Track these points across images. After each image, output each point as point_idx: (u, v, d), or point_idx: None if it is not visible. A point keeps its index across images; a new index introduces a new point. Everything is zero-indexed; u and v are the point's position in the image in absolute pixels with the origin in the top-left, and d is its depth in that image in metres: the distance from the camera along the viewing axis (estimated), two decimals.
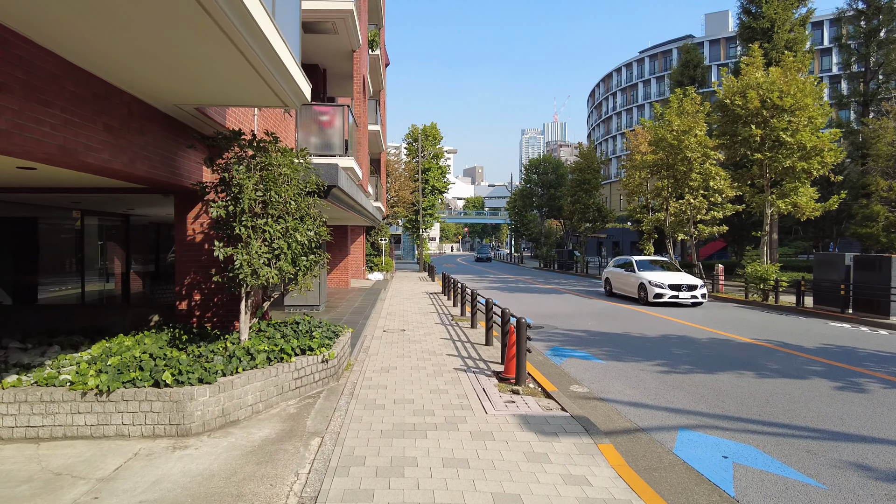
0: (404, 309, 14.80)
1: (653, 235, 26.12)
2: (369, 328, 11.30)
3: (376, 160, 27.06)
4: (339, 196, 8.15)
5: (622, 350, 9.70)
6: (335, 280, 20.13)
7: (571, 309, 15.81)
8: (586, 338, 10.96)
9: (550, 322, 13.11)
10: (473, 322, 11.49)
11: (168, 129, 5.76)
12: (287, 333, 6.83)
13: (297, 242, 6.52)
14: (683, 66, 34.35)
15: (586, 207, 34.64)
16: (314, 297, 13.57)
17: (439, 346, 9.31)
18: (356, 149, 13.03)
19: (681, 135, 21.45)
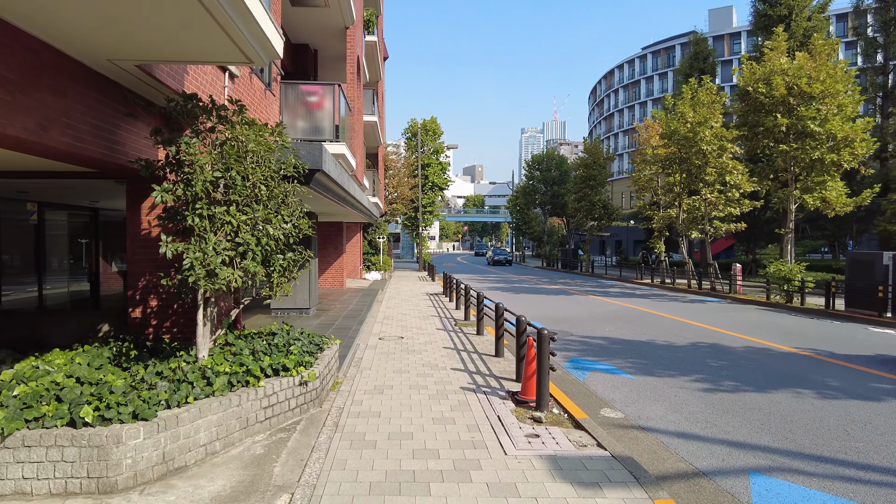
0: (403, 312, 13.59)
1: (664, 233, 24.95)
2: (363, 335, 10.10)
3: (374, 155, 25.84)
4: (325, 184, 6.92)
5: (651, 361, 8.50)
6: (329, 280, 18.93)
7: (584, 312, 14.61)
8: (607, 346, 9.76)
9: (564, 327, 11.91)
10: (479, 328, 10.29)
11: (104, 94, 4.56)
12: (258, 348, 5.62)
13: (270, 237, 5.31)
14: (692, 58, 33.13)
15: (592, 205, 33.43)
16: (303, 300, 12.37)
17: (442, 358, 8.11)
18: (349, 136, 11.82)
19: (696, 127, 20.27)
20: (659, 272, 25.37)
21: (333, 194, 7.81)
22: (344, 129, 10.67)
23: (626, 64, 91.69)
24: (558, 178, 42.62)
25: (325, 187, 6.97)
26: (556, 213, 43.67)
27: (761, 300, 17.36)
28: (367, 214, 16.19)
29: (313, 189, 6.47)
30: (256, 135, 5.26)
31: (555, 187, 42.44)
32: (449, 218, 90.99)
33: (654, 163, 23.57)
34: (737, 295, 18.85)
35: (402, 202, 29.05)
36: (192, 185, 4.59)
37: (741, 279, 19.72)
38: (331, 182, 7.14)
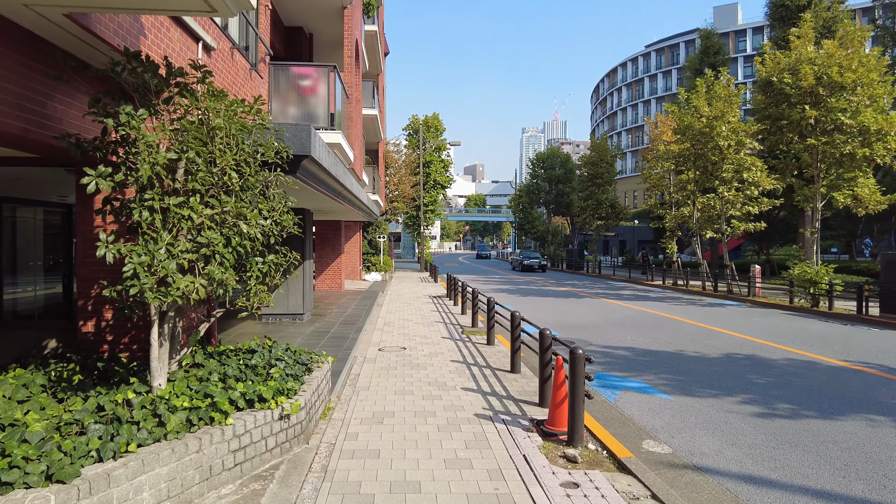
0: (405, 318, 12.60)
1: (676, 233, 23.95)
2: (361, 345, 9.10)
3: (374, 151, 24.86)
4: (315, 173, 5.91)
5: (686, 377, 7.51)
6: (326, 282, 17.93)
7: (599, 317, 13.61)
8: (634, 359, 8.76)
9: (581, 335, 10.92)
10: (490, 338, 9.29)
11: (26, 53, 3.57)
12: (231, 372, 4.63)
13: (244, 236, 4.32)
14: (702, 52, 32.11)
15: (599, 203, 32.42)
16: (297, 305, 11.38)
17: (451, 374, 7.11)
18: (347, 126, 10.83)
19: (712, 121, 19.26)
20: (671, 273, 24.36)
21: (326, 187, 6.82)
22: (341, 119, 9.68)
23: (629, 62, 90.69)
24: (563, 176, 41.59)
25: (314, 178, 5.98)
26: (561, 213, 42.66)
27: (783, 304, 16.36)
28: (366, 212, 15.20)
29: (301, 179, 5.47)
30: (227, 110, 4.27)
31: (559, 186, 41.42)
32: (450, 217, 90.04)
33: (667, 159, 22.56)
34: (756, 298, 17.84)
35: (404, 200, 28.07)
36: (138, 168, 3.58)
37: (760, 281, 18.71)
38: (322, 172, 6.14)
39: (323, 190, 6.59)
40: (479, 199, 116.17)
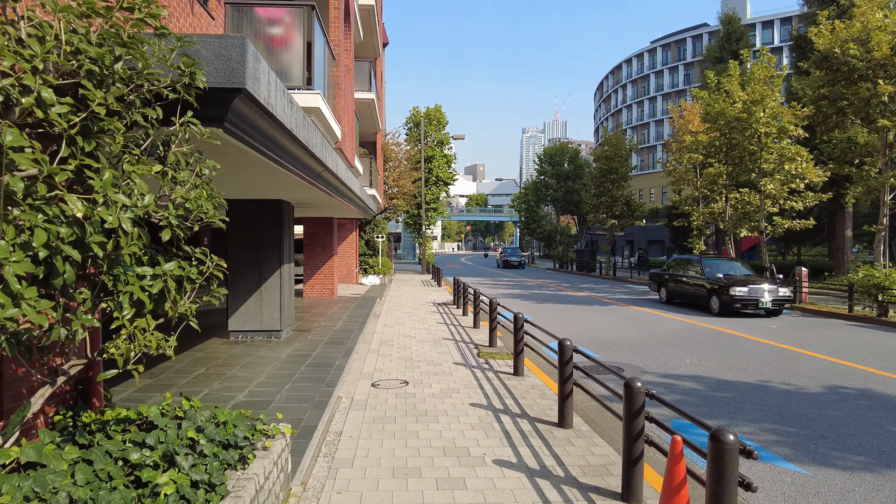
0: (406, 333, 10.43)
1: (704, 231, 21.78)
2: (349, 378, 6.94)
3: (371, 143, 22.72)
4: (259, 125, 3.57)
5: (799, 427, 5.35)
6: (316, 288, 15.76)
7: (638, 331, 11.44)
8: (709, 394, 6.59)
9: (626, 357, 8.76)
10: (518, 367, 7.11)
11: None
12: (84, 479, 2.45)
13: (99, 229, 2.17)
14: (725, 39, 29.96)
15: (613, 200, 30.23)
16: (272, 320, 9.22)
17: (475, 433, 4.94)
18: (333, 95, 8.66)
19: (750, 106, 17.10)
20: None
21: (289, 157, 4.63)
22: (322, 80, 7.52)
23: (634, 58, 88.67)
24: (572, 172, 39.34)
25: (259, 133, 3.72)
26: (570, 211, 40.42)
27: (841, 312, 14.20)
28: (361, 208, 13.04)
29: (233, 134, 3.26)
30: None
31: (568, 182, 39.15)
32: (452, 217, 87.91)
33: (696, 151, 20.38)
34: (805, 305, 15.68)
35: (404, 197, 25.90)
36: None
37: (807, 285, 16.54)
38: (274, 128, 3.96)
39: (283, 160, 4.42)
40: (480, 199, 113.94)
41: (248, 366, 7.26)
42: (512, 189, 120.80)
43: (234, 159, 4.52)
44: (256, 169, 4.91)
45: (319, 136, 5.51)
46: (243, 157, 4.31)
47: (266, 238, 9.18)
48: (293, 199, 9.08)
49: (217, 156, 4.32)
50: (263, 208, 9.13)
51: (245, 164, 4.61)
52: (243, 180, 6.27)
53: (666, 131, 79.65)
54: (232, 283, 9.15)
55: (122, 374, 4.80)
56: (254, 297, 9.18)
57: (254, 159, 4.33)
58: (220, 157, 4.38)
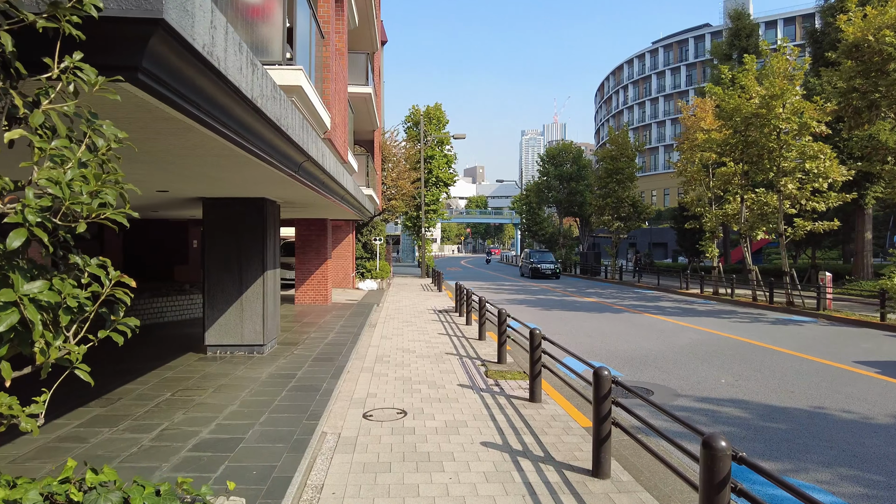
0: (405, 346, 9.43)
1: (717, 234, 20.81)
2: (337, 406, 5.93)
3: (369, 141, 21.75)
4: (200, 86, 2.53)
5: (887, 475, 4.35)
6: (308, 294, 14.76)
7: (657, 342, 10.45)
8: (759, 424, 5.60)
9: (652, 375, 7.77)
10: (535, 391, 6.10)
11: None
12: None
13: None
14: (734, 35, 29.06)
15: (619, 201, 29.24)
16: (254, 334, 8.22)
17: (490, 487, 3.94)
18: (322, 77, 7.68)
19: (770, 101, 16.15)
20: (710, 281, 21.21)
21: (256, 139, 3.61)
22: (313, 66, 6.54)
23: (635, 59, 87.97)
24: (575, 173, 38.35)
25: (205, 100, 2.66)
26: (573, 213, 39.42)
27: (871, 320, 13.22)
28: (356, 208, 12.05)
29: (158, 94, 2.27)
30: None
31: (572, 183, 38.15)
32: (452, 220, 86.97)
33: (709, 149, 19.42)
34: (830, 312, 14.69)
35: (403, 198, 24.91)
36: None
37: (832, 291, 15.56)
38: (230, 96, 2.96)
39: (249, 143, 3.42)
40: (480, 201, 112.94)
41: (221, 389, 6.26)
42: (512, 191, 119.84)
43: (187, 142, 3.53)
44: (220, 157, 3.93)
45: (299, 118, 4.52)
46: (192, 137, 3.32)
47: (248, 241, 8.19)
48: (278, 197, 8.08)
49: (163, 136, 3.33)
50: (245, 208, 8.14)
51: (200, 147, 3.63)
52: (213, 175, 5.29)
53: (668, 132, 78.81)
54: (209, 291, 8.16)
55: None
56: (233, 308, 8.18)
57: (210, 142, 3.35)
58: (167, 138, 3.40)
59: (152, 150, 3.87)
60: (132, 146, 2.15)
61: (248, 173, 5.08)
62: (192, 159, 4.28)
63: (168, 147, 3.74)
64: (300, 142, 4.62)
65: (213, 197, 8.03)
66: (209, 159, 4.29)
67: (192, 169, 4.72)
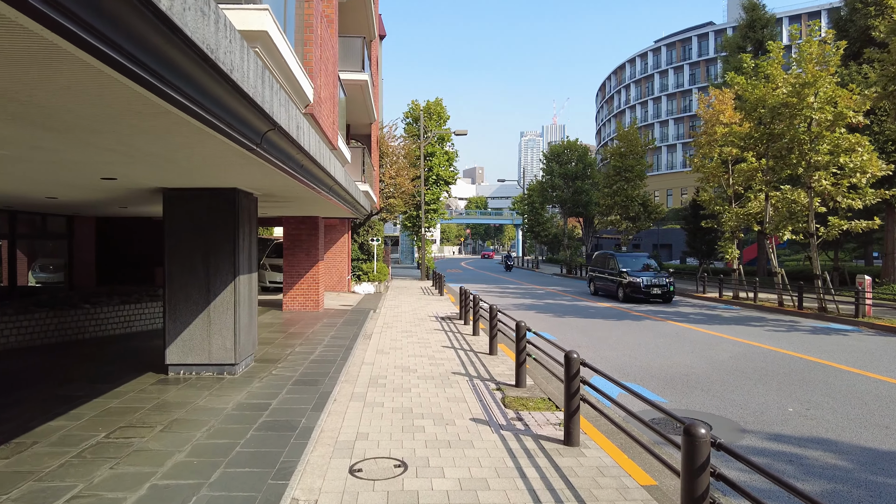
0: (404, 364, 8.08)
1: (737, 235, 19.49)
2: (316, 455, 4.58)
3: (366, 135, 20.42)
4: None
5: None
6: (298, 300, 13.41)
7: (691, 355, 9.11)
8: (872, 482, 4.27)
9: (699, 400, 6.44)
10: (572, 433, 4.75)
11: None
12: None
13: None
14: (748, 26, 27.78)
15: (629, 200, 27.92)
16: (224, 351, 6.88)
17: None
18: (303, 39, 6.34)
19: (801, 89, 14.85)
20: (730, 284, 19.89)
21: (164, 69, 2.34)
22: (290, 20, 5.21)
23: (637, 58, 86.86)
24: (581, 171, 36.99)
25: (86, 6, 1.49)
26: (577, 213, 38.07)
27: None
28: (350, 204, 10.72)
29: None
30: None
31: (577, 182, 36.80)
32: (452, 220, 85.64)
33: (731, 143, 18.11)
34: (871, 319, 13.38)
35: (402, 197, 23.59)
36: None
37: (871, 296, 14.25)
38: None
39: (164, 82, 2.16)
40: (480, 202, 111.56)
41: (173, 427, 4.92)
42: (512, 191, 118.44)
43: (67, 81, 2.21)
44: (137, 114, 2.64)
45: (256, 65, 3.19)
46: (70, 72, 2.01)
47: (217, 240, 6.85)
48: (253, 187, 6.75)
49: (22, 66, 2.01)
50: (213, 200, 6.81)
51: (97, 96, 2.33)
52: (144, 149, 3.95)
53: (671, 132, 77.60)
54: (170, 300, 6.82)
55: None
56: (199, 320, 6.84)
57: (109, 85, 2.07)
58: (30, 71, 2.08)
59: (29, 101, 2.54)
60: None
61: (190, 146, 3.74)
62: (101, 120, 2.95)
63: (52, 96, 2.41)
64: (260, 100, 3.29)
65: (175, 187, 6.70)
66: (124, 121, 2.95)
67: (110, 137, 3.38)
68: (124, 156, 4.19)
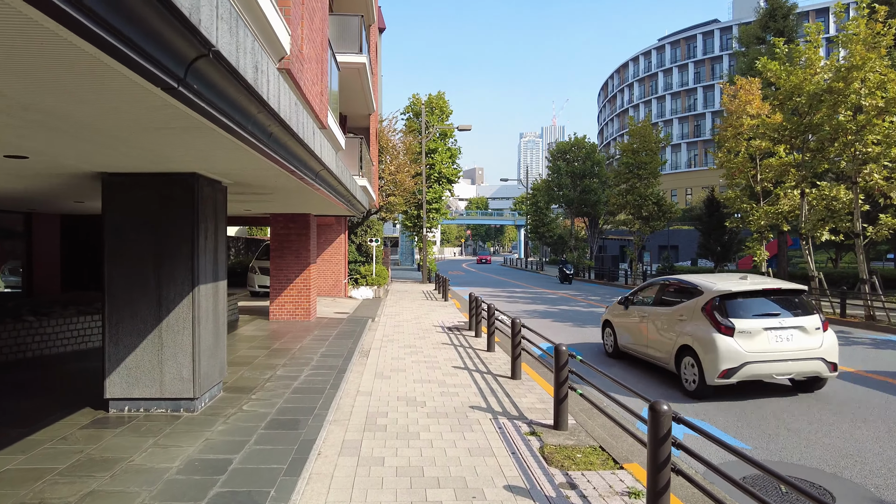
0: (409, 394, 6.57)
1: (767, 235, 18.01)
2: None
3: (364, 128, 18.95)
4: None
5: None
6: (286, 308, 11.91)
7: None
8: None
9: (794, 446, 4.94)
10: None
11: None
12: None
13: None
14: (768, 15, 26.33)
15: (642, 199, 26.43)
16: (180, 382, 5.39)
17: None
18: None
19: (847, 73, 13.39)
20: None
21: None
22: None
23: (641, 56, 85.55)
24: (588, 169, 35.43)
25: None
26: (585, 213, 36.55)
27: None
28: (343, 196, 9.22)
29: None
30: None
31: (585, 180, 35.25)
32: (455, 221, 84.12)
33: (762, 136, 16.65)
34: None
35: (402, 194, 22.10)
36: None
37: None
38: None
39: None
40: (481, 202, 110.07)
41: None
42: (513, 192, 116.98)
43: None
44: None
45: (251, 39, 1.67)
46: None
47: (171, 240, 5.36)
48: (217, 171, 5.24)
49: None
50: (166, 189, 5.32)
51: None
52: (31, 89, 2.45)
53: (675, 132, 76.12)
54: (111, 317, 5.32)
55: None
56: (149, 342, 5.34)
57: None
58: None
59: None
60: None
61: (79, 87, 2.25)
62: None
63: None
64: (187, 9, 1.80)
65: (116, 172, 5.20)
66: None
67: None
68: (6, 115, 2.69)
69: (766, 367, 6.38)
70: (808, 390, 6.99)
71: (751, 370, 6.35)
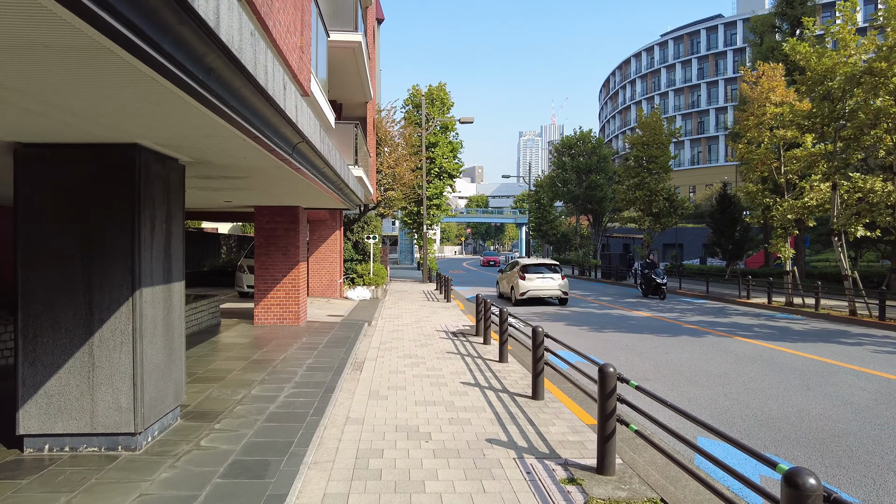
0: (410, 419, 5.39)
1: (791, 231, 16.84)
2: None
3: (361, 117, 17.74)
4: None
5: None
6: (272, 311, 10.72)
7: (808, 393, 6.42)
8: None
9: (874, 479, 3.76)
10: None
11: None
12: None
13: None
14: (785, 2, 25.16)
15: (652, 194, 25.24)
16: (115, 411, 4.20)
17: None
18: None
19: (889, 53, 12.24)
20: (783, 288, 17.26)
21: None
22: None
23: (643, 52, 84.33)
24: (595, 165, 34.20)
25: None
26: (591, 210, 35.33)
27: None
28: (334, 183, 8.03)
29: None
30: None
31: (591, 176, 34.01)
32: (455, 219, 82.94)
33: (788, 124, 15.48)
34: None
35: (401, 189, 20.90)
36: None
37: None
38: None
39: None
40: (481, 200, 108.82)
41: None
42: (513, 190, 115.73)
43: None
44: None
45: None
46: None
47: (104, 230, 4.17)
48: (166, 142, 4.05)
49: None
50: (97, 165, 4.14)
51: None
52: None
53: None
54: (25, 329, 4.13)
55: None
56: (75, 361, 4.16)
57: None
58: None
59: None
60: None
61: None
62: None
63: None
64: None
65: (30, 142, 4.02)
66: None
67: None
68: None
69: (538, 292, 16.50)
70: (562, 305, 16.70)
71: (532, 294, 16.50)
